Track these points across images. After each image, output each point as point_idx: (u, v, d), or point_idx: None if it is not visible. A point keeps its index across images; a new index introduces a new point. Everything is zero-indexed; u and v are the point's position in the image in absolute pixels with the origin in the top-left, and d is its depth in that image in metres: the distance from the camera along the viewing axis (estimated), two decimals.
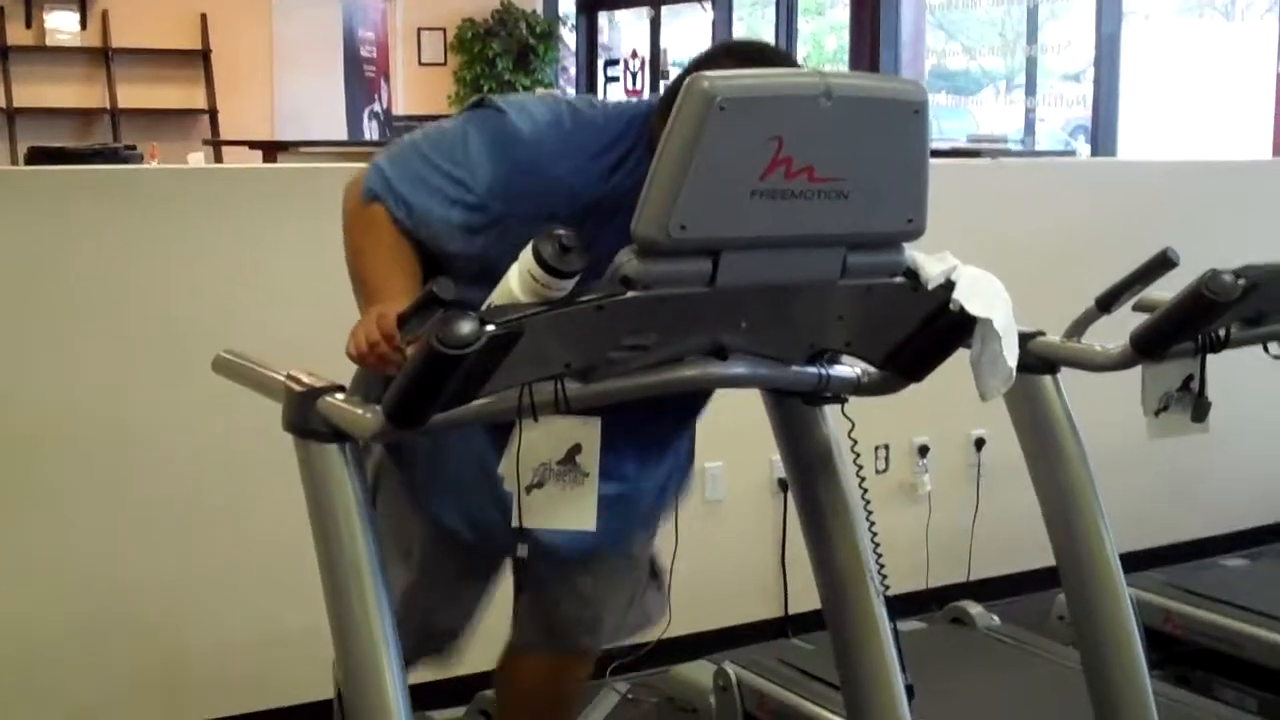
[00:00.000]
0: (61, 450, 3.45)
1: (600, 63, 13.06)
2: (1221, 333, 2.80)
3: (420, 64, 12.73)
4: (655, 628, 2.95)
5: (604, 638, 2.85)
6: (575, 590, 2.73)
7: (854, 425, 2.43)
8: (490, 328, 1.83)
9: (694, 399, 2.59)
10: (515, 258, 1.95)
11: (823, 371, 2.28)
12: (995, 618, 4.07)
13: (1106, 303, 2.81)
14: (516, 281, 1.92)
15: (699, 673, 3.79)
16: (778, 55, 2.40)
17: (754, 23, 12.76)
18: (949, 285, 2.14)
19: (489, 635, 2.88)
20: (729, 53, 2.28)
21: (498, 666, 2.96)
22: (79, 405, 3.47)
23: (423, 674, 2.73)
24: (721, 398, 2.46)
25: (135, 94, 11.54)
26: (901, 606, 2.57)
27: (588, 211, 2.18)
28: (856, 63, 10.51)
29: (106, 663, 3.53)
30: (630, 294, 1.92)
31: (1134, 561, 3.87)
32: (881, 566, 2.51)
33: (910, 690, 2.51)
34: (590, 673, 3.05)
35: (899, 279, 2.12)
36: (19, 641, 3.43)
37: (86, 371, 3.47)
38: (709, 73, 1.86)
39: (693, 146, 1.83)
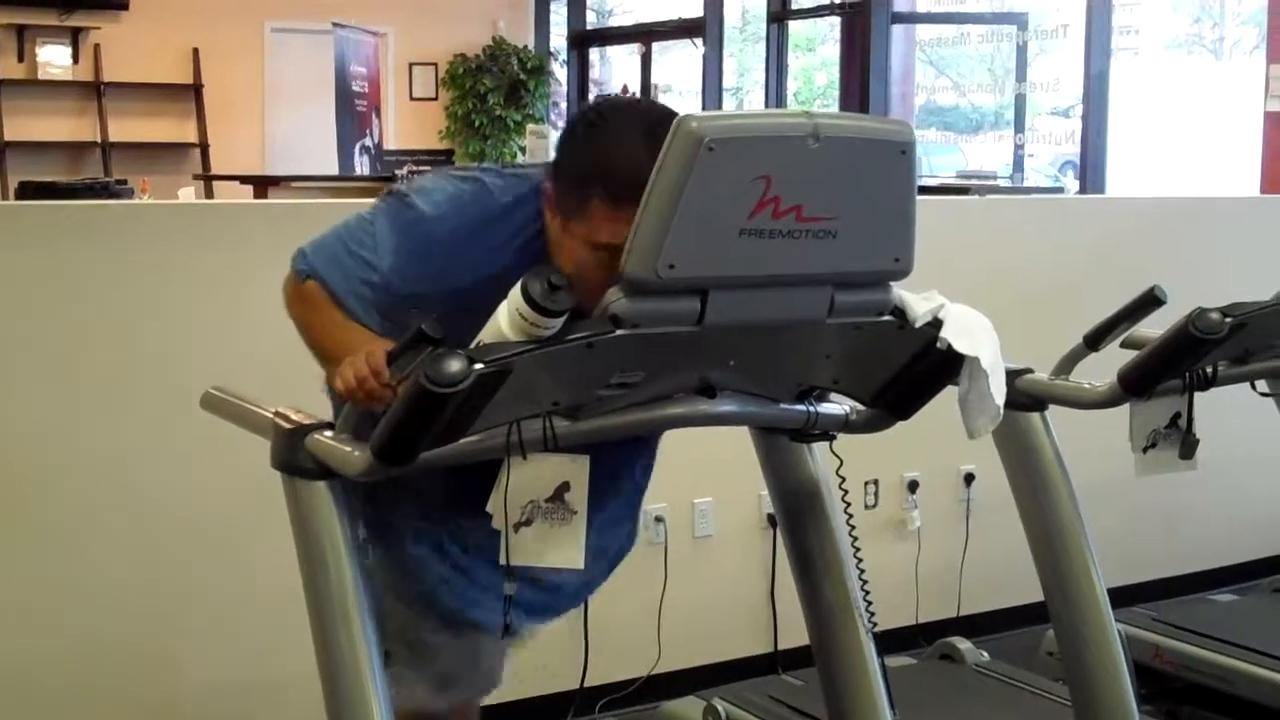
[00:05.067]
0: (56, 485, 3.45)
1: (591, 98, 13.09)
2: (1209, 370, 2.81)
3: (412, 99, 12.76)
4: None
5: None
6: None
7: (843, 462, 2.43)
8: (479, 366, 1.83)
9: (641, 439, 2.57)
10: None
11: (811, 409, 2.29)
12: (985, 653, 4.06)
13: (1094, 340, 2.83)
14: (505, 320, 1.93)
15: (689, 709, 3.77)
16: (649, 107, 2.31)
17: (744, 58, 12.83)
18: (936, 323, 2.15)
19: None
20: (604, 112, 2.23)
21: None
22: (72, 439, 3.46)
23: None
24: (710, 434, 2.46)
25: (127, 128, 11.55)
26: (891, 642, 2.57)
27: (493, 284, 2.11)
28: (846, 99, 10.56)
29: (103, 698, 3.51)
30: (619, 332, 1.93)
31: (1123, 597, 3.89)
32: (870, 603, 2.52)
33: None
34: None
35: (886, 317, 2.13)
36: (16, 676, 3.41)
37: (77, 407, 3.46)
38: (698, 113, 1.87)
39: (681, 186, 1.84)
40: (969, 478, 4.69)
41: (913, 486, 4.63)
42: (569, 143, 2.18)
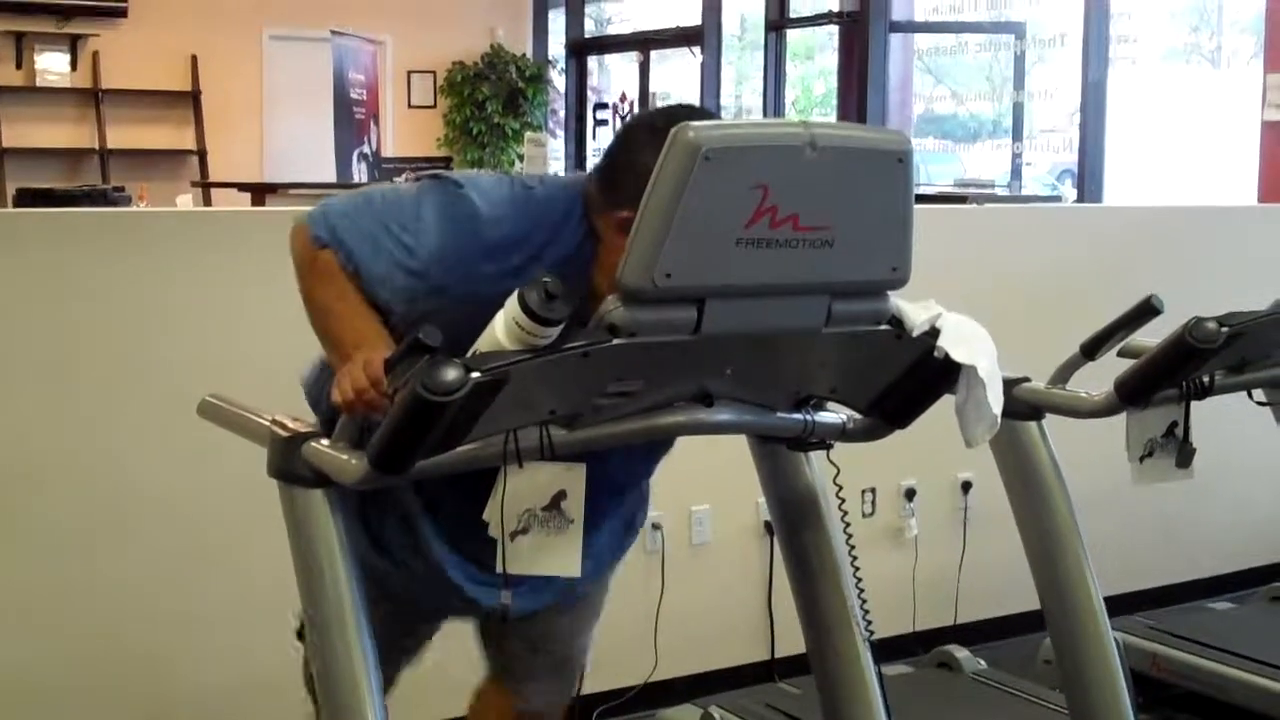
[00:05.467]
0: (53, 489, 3.45)
1: (590, 106, 13.11)
2: (1205, 379, 2.81)
3: (410, 106, 12.77)
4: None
5: (570, 684, 2.86)
6: (543, 645, 2.76)
7: (839, 470, 2.43)
8: (475, 374, 1.83)
9: (656, 446, 2.57)
10: (450, 338, 1.94)
11: (808, 418, 2.29)
12: (981, 662, 4.07)
13: (1091, 349, 2.83)
14: (502, 329, 1.93)
15: (685, 716, 3.78)
16: (715, 118, 2.32)
17: (742, 67, 12.83)
18: (933, 332, 2.15)
19: (466, 679, 2.88)
20: (665, 116, 2.16)
21: (470, 712, 2.96)
22: (69, 445, 3.46)
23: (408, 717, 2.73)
24: (707, 442, 2.46)
25: (125, 135, 11.57)
26: (888, 650, 2.57)
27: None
28: (844, 108, 10.58)
29: (101, 699, 3.51)
30: (616, 341, 1.93)
31: (1120, 605, 3.89)
32: (866, 611, 2.52)
33: None
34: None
35: (884, 326, 2.13)
36: (14, 677, 3.41)
37: (75, 413, 3.47)
38: (694, 123, 1.87)
39: (678, 195, 1.84)
40: (966, 486, 4.69)
41: (910, 495, 4.63)
42: (644, 158, 2.04)
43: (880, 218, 2.00)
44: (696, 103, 10.32)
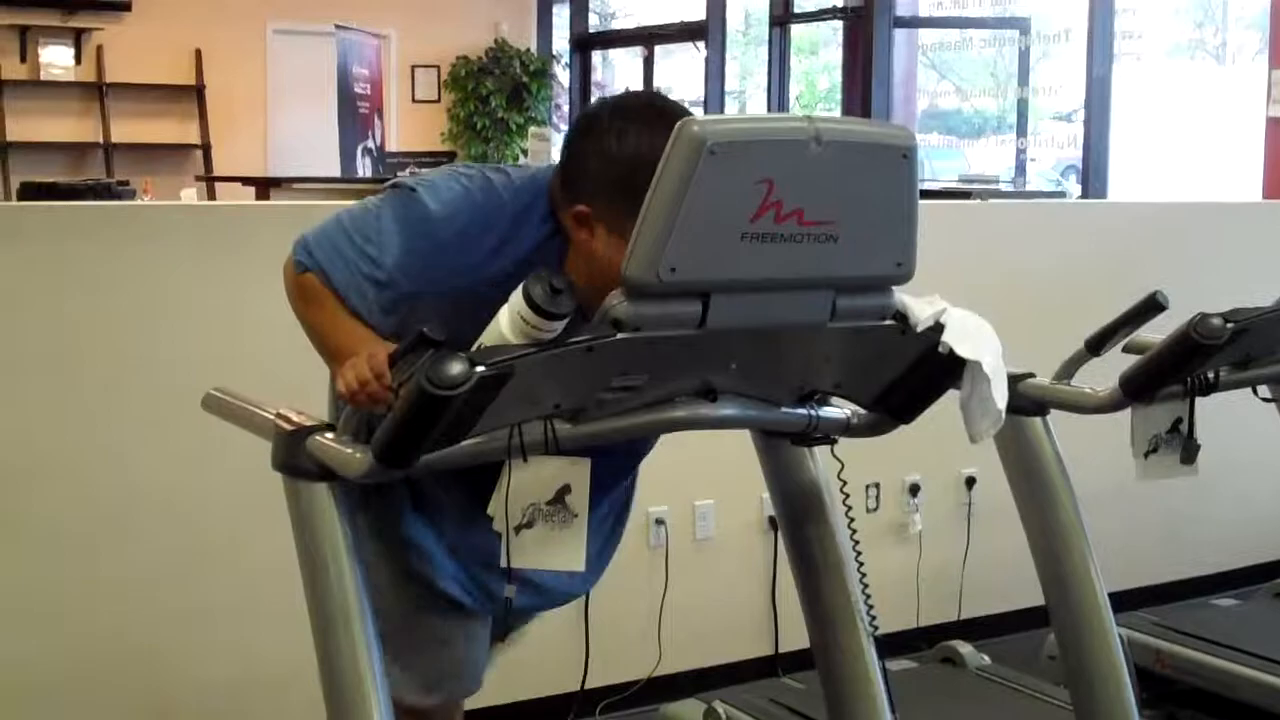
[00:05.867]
0: (55, 486, 3.45)
1: (594, 101, 13.08)
2: (1210, 375, 2.81)
3: (414, 101, 12.78)
4: None
5: None
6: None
7: (844, 465, 2.43)
8: (480, 368, 1.83)
9: (637, 444, 2.58)
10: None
11: (812, 413, 2.28)
12: (985, 657, 4.07)
13: (1096, 345, 2.83)
14: (506, 323, 1.93)
15: (689, 711, 3.78)
16: (672, 107, 2.25)
17: (746, 62, 12.84)
18: (938, 328, 2.14)
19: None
20: (613, 111, 2.24)
21: None
22: (72, 441, 3.47)
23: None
24: (712, 437, 2.46)
25: (129, 129, 11.57)
26: (892, 646, 2.57)
27: (499, 287, 2.10)
28: (849, 103, 10.57)
29: (102, 696, 3.52)
30: (620, 335, 1.93)
31: (1124, 601, 3.89)
32: (871, 606, 2.52)
33: None
34: None
35: (888, 322, 2.13)
36: (15, 674, 3.42)
37: (79, 409, 3.47)
38: (700, 117, 1.87)
39: (683, 190, 1.84)
40: (970, 481, 4.69)
41: (914, 490, 4.63)
42: (597, 149, 2.14)
43: (885, 213, 1.99)
44: (700, 95, 10.35)
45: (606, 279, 1.99)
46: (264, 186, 9.13)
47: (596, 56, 13.54)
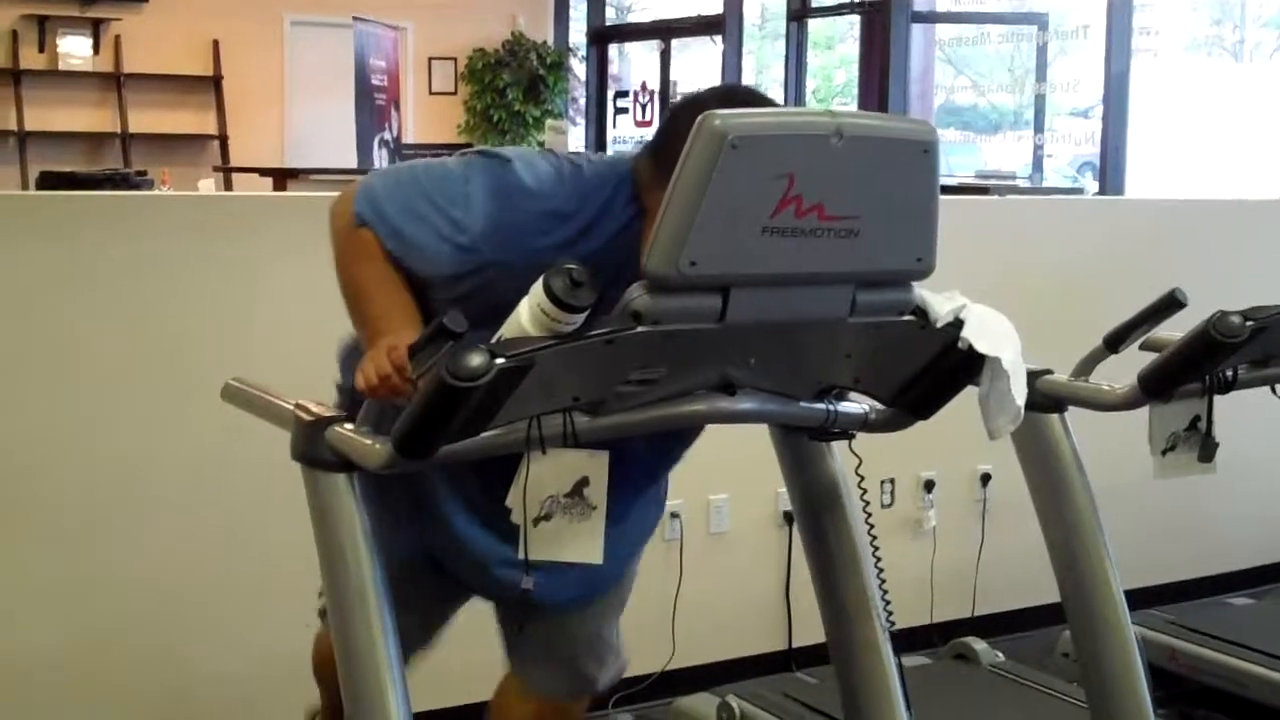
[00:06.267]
0: (67, 476, 3.46)
1: (610, 94, 13.10)
2: (1229, 374, 2.80)
3: (431, 93, 12.79)
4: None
5: (605, 672, 2.85)
6: (565, 630, 2.74)
7: (861, 461, 2.43)
8: (500, 361, 1.83)
9: (684, 435, 2.58)
10: (494, 313, 1.96)
11: (830, 408, 2.28)
12: (1000, 654, 4.06)
13: (1114, 342, 2.82)
14: (527, 315, 1.93)
15: (703, 705, 3.78)
16: (766, 100, 2.34)
17: (763, 56, 12.82)
18: (958, 324, 2.14)
19: (488, 666, 2.88)
20: (719, 97, 2.26)
21: (492, 700, 2.96)
22: (86, 429, 3.48)
23: (426, 703, 2.73)
24: (727, 431, 2.47)
25: (146, 119, 11.60)
26: (905, 642, 2.57)
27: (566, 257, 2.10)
28: (865, 98, 10.55)
29: (109, 689, 3.53)
30: (640, 329, 1.93)
31: (1139, 599, 3.88)
32: (888, 602, 2.51)
33: None
34: (585, 711, 3.04)
35: (908, 317, 2.13)
36: (18, 665, 3.43)
37: (94, 396, 3.48)
38: (721, 111, 1.87)
39: (704, 184, 1.84)
40: (985, 478, 4.69)
41: (929, 486, 4.63)
42: (673, 118, 2.18)
43: (906, 208, 1.99)
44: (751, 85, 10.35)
45: None
46: (281, 177, 9.13)
47: (613, 50, 13.53)
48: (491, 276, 2.21)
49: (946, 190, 2.15)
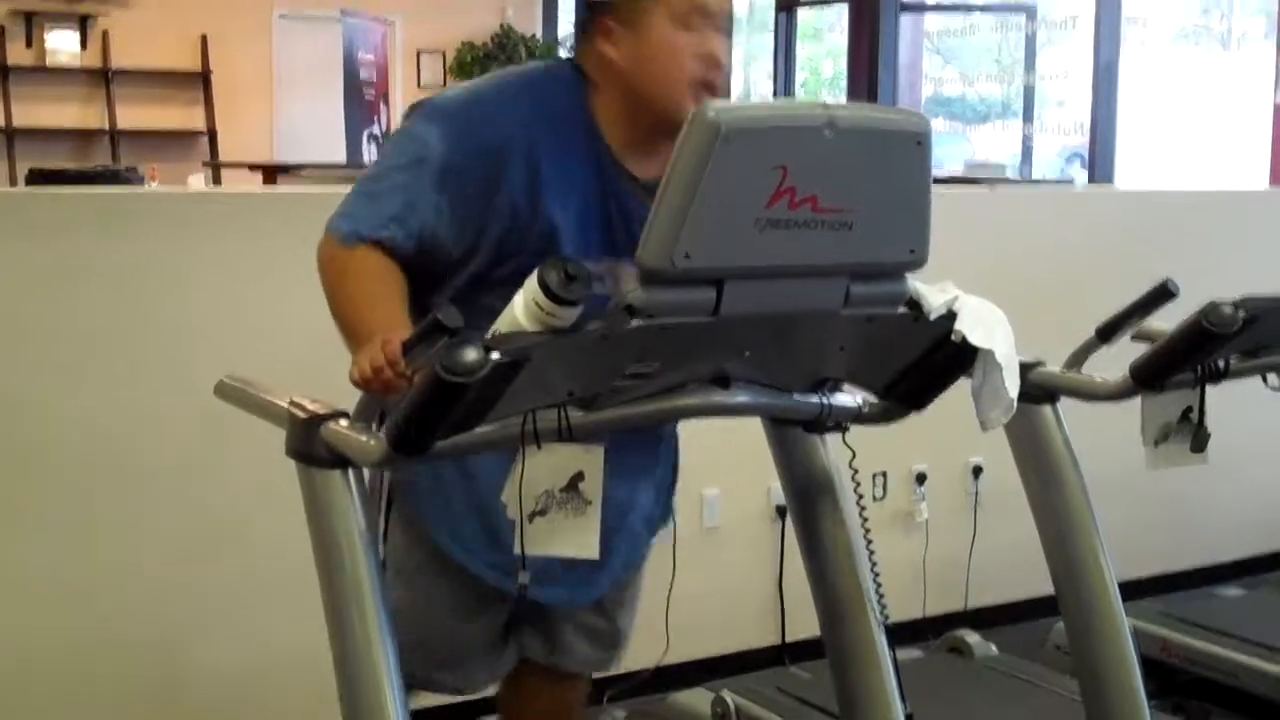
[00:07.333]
0: (61, 472, 3.45)
1: None
2: (1221, 364, 2.80)
3: (419, 86, 12.74)
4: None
5: (613, 655, 2.88)
6: (577, 622, 2.77)
7: (855, 454, 2.43)
8: (495, 355, 1.83)
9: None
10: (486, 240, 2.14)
11: (824, 400, 2.28)
12: (993, 647, 4.07)
13: (1106, 333, 2.82)
14: (521, 310, 1.92)
15: (697, 700, 3.78)
16: None
17: (752, 47, 12.80)
18: (951, 315, 2.15)
19: None
20: None
21: (499, 690, 2.96)
22: (78, 427, 3.47)
23: (424, 700, 2.73)
24: (719, 425, 2.46)
25: (135, 115, 11.57)
26: (898, 635, 2.56)
27: (535, 148, 2.31)
28: (854, 88, 10.55)
29: (109, 683, 3.53)
30: (634, 323, 1.93)
31: (1132, 590, 3.87)
32: (881, 595, 2.51)
33: None
34: (587, 691, 3.05)
35: (901, 309, 2.13)
36: (15, 661, 3.42)
37: (85, 394, 3.47)
38: (715, 104, 1.88)
39: (698, 176, 1.84)
40: (977, 470, 4.69)
41: (921, 479, 4.63)
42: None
43: (899, 199, 1.99)
44: None
45: (638, 92, 2.33)
46: (270, 172, 9.13)
47: None
48: (467, 189, 2.31)
49: (938, 181, 2.15)
